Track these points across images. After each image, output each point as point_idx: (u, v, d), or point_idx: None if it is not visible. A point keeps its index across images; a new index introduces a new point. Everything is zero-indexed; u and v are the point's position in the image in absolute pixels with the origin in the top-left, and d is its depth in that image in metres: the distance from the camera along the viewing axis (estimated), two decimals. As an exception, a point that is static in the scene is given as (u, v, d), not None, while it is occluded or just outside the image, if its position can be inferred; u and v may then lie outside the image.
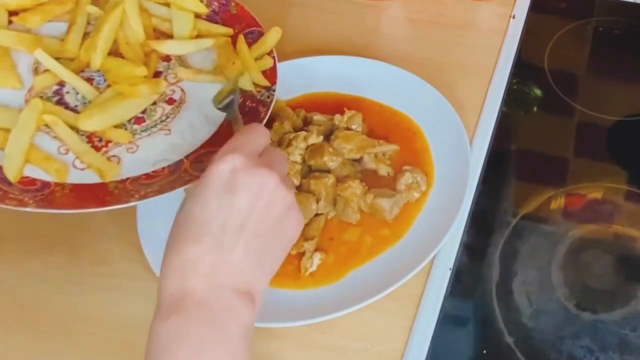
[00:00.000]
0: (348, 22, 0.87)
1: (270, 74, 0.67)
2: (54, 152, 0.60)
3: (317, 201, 0.66)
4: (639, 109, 0.78)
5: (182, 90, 0.66)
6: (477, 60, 0.81)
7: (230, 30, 0.69)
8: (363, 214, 0.67)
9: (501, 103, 0.77)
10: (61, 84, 0.64)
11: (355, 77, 0.76)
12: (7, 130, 0.59)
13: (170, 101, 0.65)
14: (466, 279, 0.65)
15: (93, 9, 0.67)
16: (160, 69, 0.67)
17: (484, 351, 0.61)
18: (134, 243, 0.66)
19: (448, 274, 0.65)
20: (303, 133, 0.70)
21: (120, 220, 0.69)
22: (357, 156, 0.70)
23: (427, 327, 0.61)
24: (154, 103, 0.64)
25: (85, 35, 0.66)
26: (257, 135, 0.53)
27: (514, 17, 0.86)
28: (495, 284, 0.65)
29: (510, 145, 0.77)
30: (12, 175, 0.57)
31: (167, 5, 0.69)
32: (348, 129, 0.72)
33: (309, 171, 0.69)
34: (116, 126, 0.62)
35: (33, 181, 0.58)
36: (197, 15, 0.69)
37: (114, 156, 0.61)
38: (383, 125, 0.74)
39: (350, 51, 0.79)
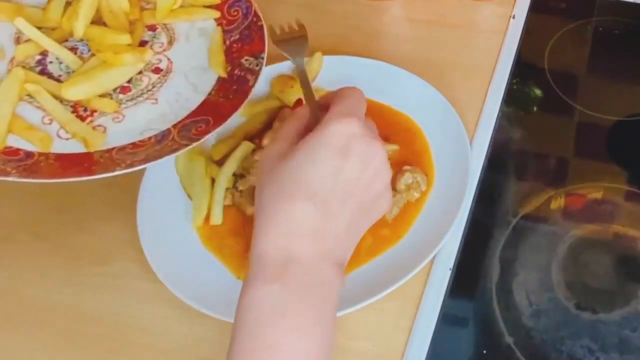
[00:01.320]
0: (348, 22, 0.86)
1: (259, 42, 0.66)
2: (38, 122, 0.59)
3: (317, 201, 0.66)
4: (639, 109, 0.78)
5: (169, 59, 0.65)
6: (477, 60, 0.81)
7: (215, 13, 0.68)
8: (363, 214, 0.67)
9: (501, 103, 0.77)
10: (44, 53, 0.63)
11: (355, 77, 0.76)
12: None
13: (157, 70, 0.64)
14: (466, 279, 0.65)
15: None
16: (146, 38, 0.66)
17: (484, 351, 0.61)
18: (134, 243, 0.66)
19: (448, 274, 0.65)
20: (303, 133, 0.70)
21: (120, 220, 0.69)
22: (357, 156, 0.70)
23: (427, 327, 0.61)
24: (140, 72, 0.63)
25: (67, 4, 0.65)
26: (363, 103, 0.51)
27: (514, 17, 0.86)
28: (495, 284, 0.65)
29: (510, 145, 0.77)
30: None
31: None
32: (348, 129, 0.71)
33: (309, 171, 0.69)
34: (101, 96, 0.61)
35: (16, 151, 0.57)
36: None
37: (99, 126, 0.60)
38: (383, 125, 0.73)
39: (350, 51, 0.79)
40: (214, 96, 0.62)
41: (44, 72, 0.62)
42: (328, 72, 0.77)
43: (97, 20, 0.64)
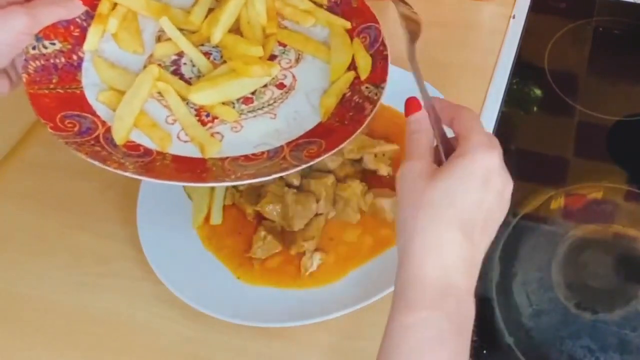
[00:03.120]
0: (348, 22, 0.86)
1: (381, 72, 0.65)
2: (162, 121, 0.60)
3: (317, 201, 0.66)
4: (639, 109, 0.78)
5: (294, 76, 0.65)
6: (477, 60, 0.81)
7: (347, 24, 0.69)
8: (363, 214, 0.67)
9: (501, 103, 0.77)
10: (180, 54, 0.64)
11: (356, 77, 0.76)
12: (122, 93, 0.59)
13: (281, 86, 0.64)
14: (466, 279, 0.65)
15: None
16: (276, 53, 0.67)
17: (484, 351, 0.61)
18: (134, 243, 0.66)
19: (448, 274, 0.65)
20: (303, 133, 0.70)
21: (120, 220, 0.69)
22: (357, 156, 0.70)
23: (427, 327, 0.61)
24: (265, 86, 0.64)
25: (210, 10, 0.66)
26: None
27: (514, 17, 0.86)
28: (495, 284, 0.65)
29: (510, 145, 0.77)
30: (118, 137, 0.57)
31: None
32: (348, 129, 0.72)
33: (309, 171, 0.69)
34: (224, 103, 0.62)
35: (137, 147, 0.58)
36: (319, 5, 0.69)
37: (217, 133, 0.60)
38: (383, 125, 0.74)
39: (350, 51, 0.79)
40: (330, 119, 0.62)
41: (176, 73, 0.63)
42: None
43: (235, 30, 0.65)
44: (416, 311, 0.43)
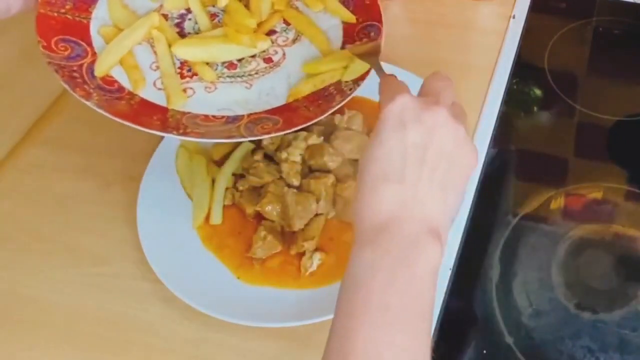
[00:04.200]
0: (348, 22, 0.86)
1: (365, 73, 0.66)
2: (146, 66, 0.62)
3: (317, 201, 0.66)
4: (639, 109, 0.78)
5: (284, 54, 0.66)
6: (477, 60, 0.81)
7: (352, 18, 0.69)
8: (363, 214, 0.67)
9: (501, 103, 0.77)
10: (189, 10, 0.66)
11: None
12: (120, 30, 0.62)
13: (268, 60, 0.65)
14: (466, 279, 0.65)
15: None
16: (277, 29, 0.68)
17: (484, 351, 0.61)
18: (134, 243, 0.66)
19: (448, 274, 0.65)
20: (303, 133, 0.70)
21: (120, 220, 0.69)
22: (357, 156, 0.70)
23: (427, 327, 0.61)
24: (253, 56, 0.65)
25: None
26: (438, 82, 0.54)
27: (514, 17, 0.86)
28: (495, 284, 0.65)
29: (510, 145, 0.77)
30: (99, 69, 0.60)
31: None
32: (348, 129, 0.72)
33: (309, 171, 0.69)
34: (208, 64, 0.63)
35: (113, 82, 0.60)
36: None
37: (190, 88, 0.62)
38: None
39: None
40: (299, 102, 0.62)
41: (179, 26, 0.66)
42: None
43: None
44: (357, 248, 0.47)
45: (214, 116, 0.61)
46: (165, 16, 0.66)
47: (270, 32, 0.67)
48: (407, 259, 0.46)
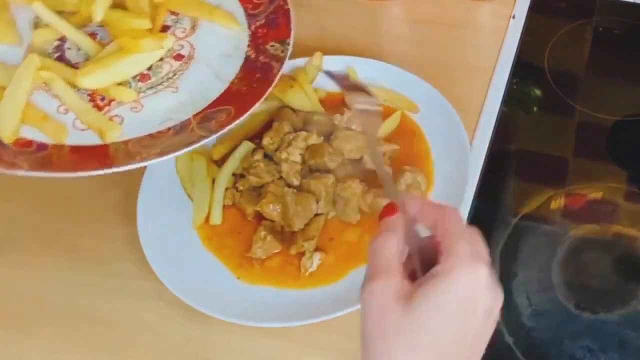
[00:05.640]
0: (348, 22, 0.87)
1: (285, 28, 0.63)
2: (53, 112, 0.56)
3: (317, 201, 0.66)
4: (639, 109, 0.78)
5: (191, 45, 0.62)
6: (477, 60, 0.81)
7: None
8: (363, 214, 0.67)
9: (501, 103, 0.77)
10: (62, 39, 0.60)
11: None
12: (4, 89, 0.56)
13: (178, 57, 0.61)
14: (466, 279, 0.65)
15: None
16: (169, 23, 0.63)
17: (484, 351, 0.61)
18: (134, 243, 0.66)
19: (448, 274, 0.65)
20: (303, 133, 0.70)
21: (120, 221, 0.69)
22: (357, 156, 0.70)
23: (427, 327, 0.61)
24: (161, 59, 0.60)
25: None
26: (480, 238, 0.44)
27: (514, 17, 0.86)
28: (495, 284, 0.65)
29: (510, 145, 0.77)
30: (6, 135, 0.54)
31: None
32: (348, 129, 0.72)
33: (309, 171, 0.69)
34: (120, 84, 0.58)
35: (29, 143, 0.55)
36: None
37: (116, 116, 0.57)
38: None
39: (350, 51, 0.79)
40: (236, 85, 0.60)
41: (61, 59, 0.59)
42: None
43: (119, 4, 0.61)
44: None
45: (158, 132, 0.56)
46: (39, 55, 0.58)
47: (163, 29, 0.62)
48: None
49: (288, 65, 0.75)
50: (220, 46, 0.62)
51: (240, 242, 0.66)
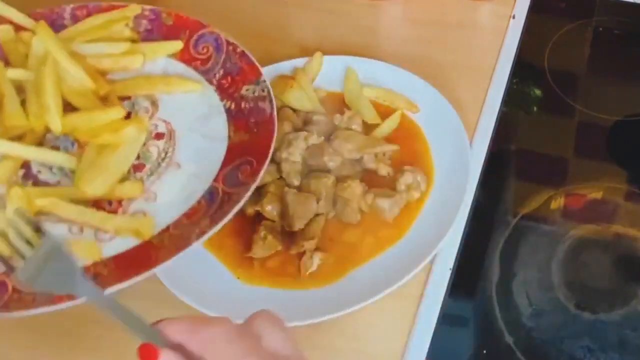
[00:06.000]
0: (348, 22, 0.86)
1: (250, 68, 0.61)
2: (67, 236, 0.53)
3: (317, 201, 0.66)
4: (639, 109, 0.78)
5: (164, 121, 0.60)
6: (477, 60, 0.81)
7: (178, 43, 0.63)
8: (363, 214, 0.67)
9: (501, 103, 0.77)
10: (25, 165, 0.56)
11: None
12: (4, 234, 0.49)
13: (159, 136, 0.59)
14: (466, 279, 0.65)
15: (17, 72, 0.59)
16: (128, 109, 0.60)
17: (484, 351, 0.61)
18: (134, 243, 0.65)
19: (448, 274, 0.65)
20: (303, 133, 0.70)
21: (120, 220, 0.69)
22: (357, 156, 0.70)
23: (427, 327, 0.61)
24: (144, 145, 0.58)
25: (22, 103, 0.57)
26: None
27: (514, 17, 0.86)
28: (495, 284, 0.65)
29: (510, 145, 0.77)
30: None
31: (97, 40, 0.62)
32: (348, 129, 0.72)
33: (309, 171, 0.69)
34: (121, 181, 0.55)
35: None
36: (132, 40, 0.63)
37: (137, 213, 0.55)
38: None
39: (350, 51, 0.79)
40: (236, 138, 0.58)
41: (38, 184, 0.55)
42: (328, 72, 0.77)
43: (65, 109, 0.57)
44: None
45: (192, 209, 0.55)
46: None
47: (127, 117, 0.59)
48: None
49: (288, 65, 0.76)
50: (193, 111, 0.60)
51: (240, 242, 0.66)
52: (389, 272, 0.62)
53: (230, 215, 0.51)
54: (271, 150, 0.56)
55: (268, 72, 0.75)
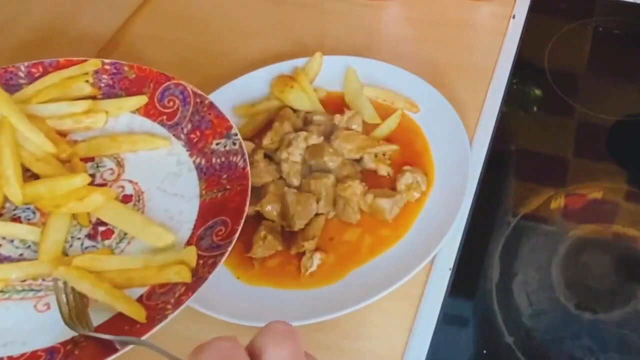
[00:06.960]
0: (348, 22, 0.87)
1: (220, 121, 0.59)
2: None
3: (317, 201, 0.66)
4: (639, 109, 0.78)
5: (131, 182, 0.57)
6: (477, 60, 0.81)
7: (143, 98, 0.61)
8: (363, 214, 0.67)
9: (501, 103, 0.77)
10: None
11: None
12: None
13: (127, 198, 0.56)
14: (466, 279, 0.65)
15: None
16: (91, 171, 0.58)
17: (484, 351, 0.61)
18: (134, 243, 0.65)
19: (448, 274, 0.65)
20: (303, 133, 0.70)
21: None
22: (357, 156, 0.70)
23: (427, 327, 0.61)
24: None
25: None
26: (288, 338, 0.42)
27: (514, 17, 0.86)
28: (495, 284, 0.65)
29: (510, 145, 0.77)
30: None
31: (56, 100, 0.60)
32: (348, 129, 0.72)
33: (309, 171, 0.69)
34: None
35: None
36: (93, 98, 0.61)
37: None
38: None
39: (350, 51, 0.79)
40: (208, 196, 0.56)
41: (3, 262, 0.52)
42: (328, 72, 0.77)
43: (25, 175, 0.54)
44: None
45: None
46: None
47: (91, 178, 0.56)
48: None
49: (288, 65, 0.76)
50: (161, 169, 0.58)
51: (240, 242, 0.66)
52: (389, 272, 0.62)
53: (205, 282, 0.49)
54: (246, 208, 0.53)
55: (268, 72, 0.76)
